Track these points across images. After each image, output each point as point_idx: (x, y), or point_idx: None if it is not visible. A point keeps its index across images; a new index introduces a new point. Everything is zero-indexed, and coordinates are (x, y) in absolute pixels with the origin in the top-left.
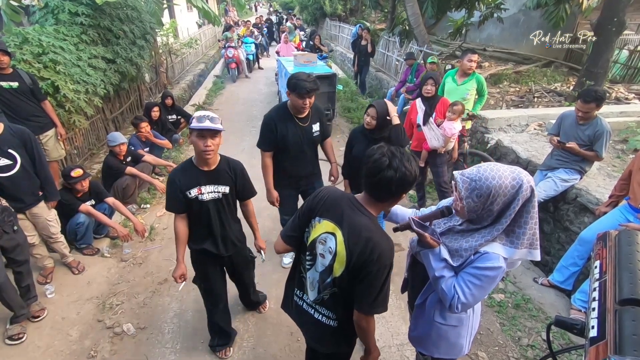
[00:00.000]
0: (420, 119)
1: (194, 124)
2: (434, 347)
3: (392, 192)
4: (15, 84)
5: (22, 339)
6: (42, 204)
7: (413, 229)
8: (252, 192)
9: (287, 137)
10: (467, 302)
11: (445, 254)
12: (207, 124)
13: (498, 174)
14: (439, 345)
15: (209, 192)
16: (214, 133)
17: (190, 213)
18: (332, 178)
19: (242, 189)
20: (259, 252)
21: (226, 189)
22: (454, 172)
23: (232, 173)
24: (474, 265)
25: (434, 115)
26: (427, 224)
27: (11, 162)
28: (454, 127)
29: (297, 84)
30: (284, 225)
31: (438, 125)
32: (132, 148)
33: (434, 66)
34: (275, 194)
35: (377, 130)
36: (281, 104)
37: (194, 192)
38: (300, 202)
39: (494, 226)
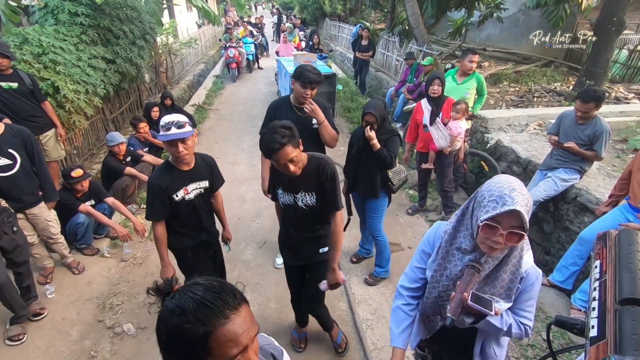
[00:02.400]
0: (426, 120)
1: (161, 133)
2: None
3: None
4: (15, 85)
5: (23, 340)
6: (42, 204)
7: (478, 308)
8: (222, 181)
9: None
10: (533, 322)
11: (504, 307)
12: (173, 131)
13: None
14: None
15: (193, 189)
16: (183, 138)
17: (177, 215)
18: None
19: (216, 180)
20: (225, 242)
21: (206, 183)
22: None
23: (208, 167)
24: (524, 291)
25: (440, 115)
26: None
27: (11, 162)
28: (460, 125)
29: (301, 73)
30: None
31: (445, 125)
32: (131, 148)
33: (430, 67)
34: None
35: (376, 132)
36: (285, 95)
37: (180, 194)
38: None
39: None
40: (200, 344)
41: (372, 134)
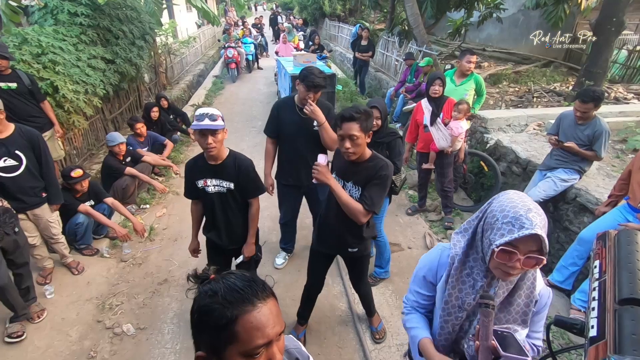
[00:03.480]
0: (427, 120)
1: (194, 123)
2: None
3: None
4: (13, 85)
5: (22, 337)
6: (45, 205)
7: (513, 358)
8: (257, 191)
9: (284, 124)
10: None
11: (523, 335)
12: (206, 122)
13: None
14: None
15: (214, 185)
16: (214, 131)
17: (201, 201)
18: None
19: (245, 186)
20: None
21: (231, 185)
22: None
23: (236, 169)
24: (537, 312)
25: (441, 116)
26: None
27: (17, 163)
28: (461, 126)
29: (306, 76)
30: (283, 225)
31: (445, 125)
32: (131, 148)
33: (429, 68)
34: (270, 180)
35: (377, 132)
36: (291, 95)
37: (200, 183)
38: (303, 205)
39: None
40: (227, 326)
41: None
